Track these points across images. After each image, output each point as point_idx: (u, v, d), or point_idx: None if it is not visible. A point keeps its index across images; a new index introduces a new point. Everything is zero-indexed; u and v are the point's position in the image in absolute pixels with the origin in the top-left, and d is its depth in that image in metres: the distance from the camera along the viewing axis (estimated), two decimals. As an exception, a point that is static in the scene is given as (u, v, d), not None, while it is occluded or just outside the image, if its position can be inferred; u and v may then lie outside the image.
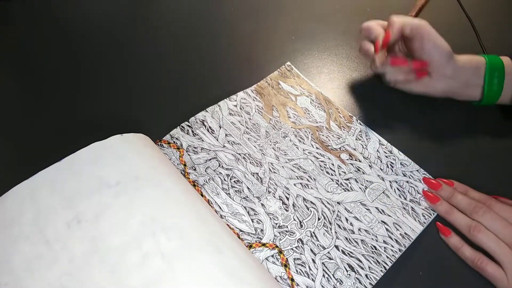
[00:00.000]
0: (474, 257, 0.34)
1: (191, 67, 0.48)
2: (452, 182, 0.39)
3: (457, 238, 0.35)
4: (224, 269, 0.29)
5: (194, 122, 0.42)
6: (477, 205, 0.35)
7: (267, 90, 0.46)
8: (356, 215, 0.37)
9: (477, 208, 0.35)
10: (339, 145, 0.42)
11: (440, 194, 0.38)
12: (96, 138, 0.35)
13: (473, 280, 0.34)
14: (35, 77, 0.47)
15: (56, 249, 0.30)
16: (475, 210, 0.35)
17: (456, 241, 0.35)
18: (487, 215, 0.35)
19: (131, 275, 0.28)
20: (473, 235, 0.34)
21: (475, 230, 0.34)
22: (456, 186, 0.38)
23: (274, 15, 0.54)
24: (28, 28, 0.51)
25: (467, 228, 0.35)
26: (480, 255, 0.34)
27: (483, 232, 0.34)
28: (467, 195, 0.37)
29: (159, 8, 0.55)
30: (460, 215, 0.36)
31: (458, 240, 0.35)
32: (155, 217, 0.31)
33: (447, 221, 0.37)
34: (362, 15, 0.55)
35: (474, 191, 0.38)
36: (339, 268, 0.34)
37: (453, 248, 0.35)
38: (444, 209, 0.37)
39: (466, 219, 0.35)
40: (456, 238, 0.35)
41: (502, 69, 0.40)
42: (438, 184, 0.38)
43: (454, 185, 0.38)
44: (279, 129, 0.43)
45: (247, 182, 0.39)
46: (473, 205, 0.36)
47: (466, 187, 0.38)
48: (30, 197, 0.32)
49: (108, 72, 0.47)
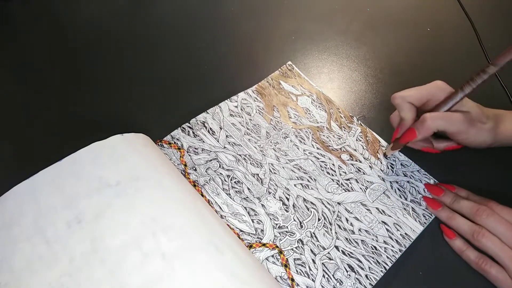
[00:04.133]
0: (478, 259, 0.34)
1: (192, 67, 0.48)
2: (454, 187, 0.38)
3: (462, 241, 0.35)
4: (224, 269, 0.29)
5: (195, 123, 0.42)
6: (480, 208, 0.35)
7: (268, 90, 0.46)
8: (356, 215, 0.37)
9: (480, 211, 0.35)
10: (339, 146, 0.42)
11: (442, 200, 0.38)
12: (96, 138, 0.35)
13: (473, 280, 0.34)
14: (35, 77, 0.46)
15: (56, 249, 0.30)
16: (478, 214, 0.35)
17: (461, 244, 0.35)
18: (491, 218, 0.34)
19: (131, 275, 0.28)
20: (477, 240, 0.34)
21: (479, 235, 0.34)
22: (458, 190, 0.38)
23: (274, 15, 0.54)
24: (28, 28, 0.51)
25: (470, 233, 0.34)
26: (485, 258, 0.33)
27: (486, 237, 0.34)
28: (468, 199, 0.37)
29: (159, 8, 0.55)
30: (462, 220, 0.35)
31: (463, 243, 0.35)
32: (155, 217, 0.31)
33: (449, 226, 0.36)
34: (362, 15, 0.55)
35: (475, 195, 0.37)
36: (339, 269, 0.34)
37: (457, 251, 0.35)
38: (446, 215, 0.36)
39: (469, 224, 0.35)
40: (460, 241, 0.35)
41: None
42: (440, 190, 0.38)
43: (455, 190, 0.38)
44: (279, 129, 0.43)
45: (248, 183, 0.39)
46: (475, 208, 0.35)
47: (467, 192, 0.38)
48: (30, 197, 0.32)
49: (108, 72, 0.47)
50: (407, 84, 0.48)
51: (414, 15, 0.55)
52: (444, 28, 0.54)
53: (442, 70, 0.49)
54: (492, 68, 0.32)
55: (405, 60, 0.50)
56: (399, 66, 0.49)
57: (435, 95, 0.36)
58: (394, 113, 0.39)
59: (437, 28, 0.54)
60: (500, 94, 0.47)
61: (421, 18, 0.55)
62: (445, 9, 0.57)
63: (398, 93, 0.37)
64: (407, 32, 0.53)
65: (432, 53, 0.51)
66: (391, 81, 0.48)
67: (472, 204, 0.36)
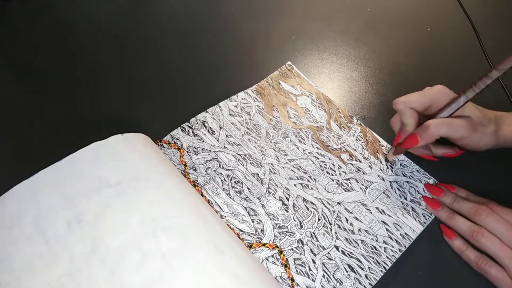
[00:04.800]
0: (478, 259, 0.34)
1: (191, 67, 0.48)
2: (453, 187, 0.38)
3: (461, 241, 0.35)
4: (224, 269, 0.29)
5: (194, 123, 0.42)
6: (480, 207, 0.35)
7: (268, 90, 0.46)
8: (356, 215, 0.37)
9: (480, 211, 0.35)
10: (339, 145, 0.42)
11: (442, 200, 0.38)
12: (96, 138, 0.35)
13: (473, 280, 0.34)
14: (35, 77, 0.46)
15: (56, 249, 0.30)
16: (477, 213, 0.35)
17: (460, 243, 0.35)
18: (490, 217, 0.34)
19: (131, 275, 0.28)
20: (476, 240, 0.34)
21: (478, 235, 0.34)
22: (457, 191, 0.38)
23: (274, 15, 0.54)
24: (28, 28, 0.51)
25: (470, 233, 0.34)
26: (484, 258, 0.33)
27: (486, 236, 0.34)
28: (468, 200, 0.37)
29: (159, 8, 0.55)
30: (462, 220, 0.35)
31: (462, 242, 0.35)
32: (155, 217, 0.31)
33: (448, 226, 0.36)
34: (362, 15, 0.55)
35: (474, 195, 0.37)
36: (339, 269, 0.34)
37: (457, 250, 0.35)
38: (446, 215, 0.36)
39: (469, 224, 0.35)
40: (460, 241, 0.35)
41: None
42: (440, 190, 0.38)
43: (455, 190, 0.38)
44: (279, 129, 0.43)
45: (248, 183, 0.39)
46: (475, 208, 0.35)
47: (467, 192, 0.38)
48: (30, 197, 0.32)
49: (108, 72, 0.47)
50: (407, 84, 0.48)
51: (414, 15, 0.55)
52: (444, 28, 0.54)
53: (442, 70, 0.49)
54: (495, 73, 0.32)
55: (405, 60, 0.50)
56: (399, 66, 0.49)
57: (437, 100, 0.35)
58: (394, 117, 0.39)
59: (437, 28, 0.54)
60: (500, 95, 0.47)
61: (421, 18, 0.55)
62: (445, 9, 0.57)
63: (400, 99, 0.36)
64: (407, 32, 0.53)
65: (432, 53, 0.51)
66: (391, 81, 0.48)
67: (471, 204, 0.36)
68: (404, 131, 0.37)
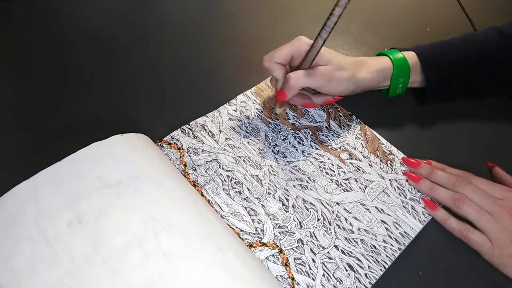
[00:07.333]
0: (460, 227, 0.35)
1: (191, 68, 0.48)
2: (430, 162, 0.40)
3: (444, 211, 0.37)
4: (225, 268, 0.29)
5: (194, 125, 0.42)
6: (458, 179, 0.37)
7: (267, 92, 0.46)
8: (355, 215, 0.37)
9: (458, 182, 0.37)
10: (338, 145, 0.42)
11: (419, 172, 0.39)
12: (96, 138, 0.35)
13: (473, 279, 0.34)
14: (35, 77, 0.47)
15: (57, 249, 0.30)
16: (456, 184, 0.37)
17: (443, 213, 0.37)
18: (468, 187, 0.36)
19: (132, 275, 0.28)
20: (458, 207, 0.36)
21: (460, 202, 0.36)
22: (434, 164, 0.40)
23: (274, 15, 0.54)
24: (28, 28, 0.51)
25: (452, 200, 0.36)
26: (466, 225, 0.35)
27: (467, 203, 0.36)
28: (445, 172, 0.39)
29: (159, 9, 0.55)
30: (443, 190, 0.37)
31: (445, 212, 0.37)
32: (156, 216, 0.31)
33: (431, 197, 0.38)
34: (362, 15, 0.55)
35: (451, 168, 0.39)
36: (338, 268, 0.34)
37: (440, 221, 0.37)
38: (427, 186, 0.38)
39: (450, 193, 0.37)
40: (443, 211, 0.37)
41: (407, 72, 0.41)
42: (417, 163, 0.40)
43: (432, 164, 0.40)
44: (278, 132, 0.43)
45: (247, 184, 0.39)
46: (454, 180, 0.37)
47: (443, 165, 0.40)
48: (31, 197, 0.32)
49: (108, 72, 0.47)
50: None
51: (414, 15, 0.56)
52: (444, 28, 0.54)
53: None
54: (338, 10, 0.34)
55: (404, 60, 0.50)
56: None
57: (298, 49, 0.38)
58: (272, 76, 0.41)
59: (437, 28, 0.54)
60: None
61: (421, 18, 0.55)
62: (445, 9, 0.57)
63: (265, 56, 0.38)
64: (407, 32, 0.53)
65: (432, 53, 0.51)
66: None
67: (450, 175, 0.38)
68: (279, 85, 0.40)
